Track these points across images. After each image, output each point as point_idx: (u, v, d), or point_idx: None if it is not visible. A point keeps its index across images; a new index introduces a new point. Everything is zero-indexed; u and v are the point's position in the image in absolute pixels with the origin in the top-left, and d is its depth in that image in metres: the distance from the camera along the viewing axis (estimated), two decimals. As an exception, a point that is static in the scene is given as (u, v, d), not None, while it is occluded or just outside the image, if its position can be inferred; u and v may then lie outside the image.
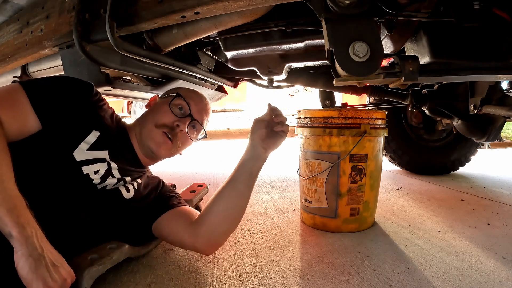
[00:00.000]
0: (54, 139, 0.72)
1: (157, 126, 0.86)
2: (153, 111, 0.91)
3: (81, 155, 0.74)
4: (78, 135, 0.75)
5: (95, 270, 0.68)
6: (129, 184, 0.85)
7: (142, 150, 0.89)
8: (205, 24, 0.85)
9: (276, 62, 1.11)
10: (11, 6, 1.06)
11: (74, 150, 0.73)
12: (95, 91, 0.82)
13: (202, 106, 0.95)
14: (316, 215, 1.15)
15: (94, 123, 0.79)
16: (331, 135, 1.08)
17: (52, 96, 0.74)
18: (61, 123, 0.73)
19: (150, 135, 0.85)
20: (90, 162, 0.75)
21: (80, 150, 0.74)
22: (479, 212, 1.36)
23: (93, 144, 0.76)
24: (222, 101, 5.61)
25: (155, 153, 0.87)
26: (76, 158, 0.73)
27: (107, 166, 0.79)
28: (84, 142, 0.75)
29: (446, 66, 0.87)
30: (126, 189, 0.82)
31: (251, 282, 0.78)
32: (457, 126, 1.82)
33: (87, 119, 0.78)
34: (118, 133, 0.87)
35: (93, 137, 0.77)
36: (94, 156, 0.76)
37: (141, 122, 0.90)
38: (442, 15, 0.84)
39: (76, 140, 0.74)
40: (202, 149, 3.85)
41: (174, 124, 0.86)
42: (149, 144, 0.86)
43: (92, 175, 0.75)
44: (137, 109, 5.44)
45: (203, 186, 1.30)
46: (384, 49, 0.80)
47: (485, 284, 0.77)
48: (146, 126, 0.87)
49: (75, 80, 0.80)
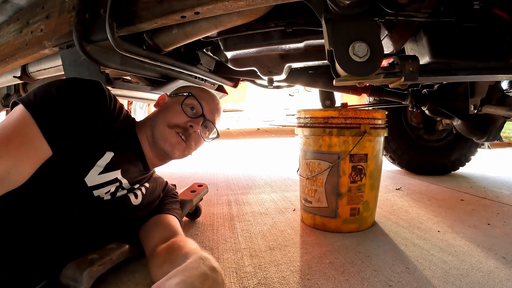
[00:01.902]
0: (65, 164, 0.68)
1: (170, 126, 0.83)
2: (164, 111, 0.88)
3: (93, 179, 0.71)
4: (90, 159, 0.71)
5: (95, 270, 0.68)
6: (138, 190, 0.84)
7: (154, 152, 0.85)
8: (205, 24, 0.85)
9: (276, 62, 1.11)
10: (11, 6, 1.06)
11: (85, 176, 0.70)
12: (108, 97, 0.74)
13: (214, 105, 0.93)
14: (316, 215, 1.15)
15: (107, 143, 0.74)
16: (331, 135, 1.08)
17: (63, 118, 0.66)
18: (73, 146, 0.68)
19: (163, 136, 0.83)
20: (102, 186, 0.73)
21: (92, 175, 0.70)
22: (479, 212, 1.36)
23: (106, 166, 0.73)
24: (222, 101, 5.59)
25: (169, 154, 0.84)
26: (88, 183, 0.70)
27: (118, 184, 0.77)
28: (96, 166, 0.71)
29: (446, 66, 0.87)
30: (134, 195, 0.82)
31: (251, 282, 0.78)
32: (457, 126, 1.82)
33: (101, 138, 0.73)
34: (129, 141, 0.83)
35: (107, 159, 0.73)
36: (106, 179, 0.73)
37: (152, 122, 0.87)
38: (442, 15, 0.84)
39: (88, 165, 0.70)
40: (202, 149, 3.85)
41: (187, 125, 0.85)
42: (162, 146, 0.83)
43: (103, 195, 0.74)
44: (137, 109, 5.44)
45: (203, 186, 1.30)
46: (384, 49, 0.80)
47: (485, 284, 0.77)
48: (158, 127, 0.84)
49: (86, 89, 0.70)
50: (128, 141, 0.83)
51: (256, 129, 6.56)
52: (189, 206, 1.14)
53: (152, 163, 0.90)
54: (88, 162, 0.70)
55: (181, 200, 1.12)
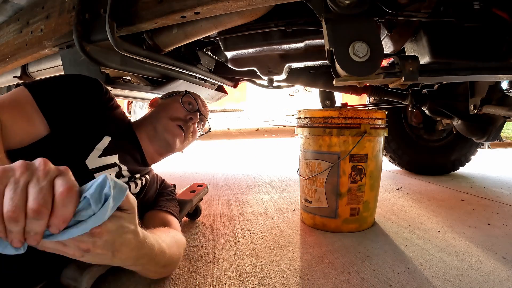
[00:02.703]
0: (65, 146, 0.70)
1: (172, 119, 0.92)
2: (164, 108, 0.96)
3: (94, 162, 0.73)
4: (90, 142, 0.74)
5: (95, 270, 0.68)
6: (138, 180, 0.87)
7: (154, 145, 0.91)
8: (205, 24, 0.85)
9: (276, 62, 1.11)
10: (11, 6, 1.06)
11: (86, 158, 0.72)
12: (105, 89, 0.81)
13: (204, 103, 1.06)
14: (316, 215, 1.15)
15: (105, 128, 0.78)
16: (331, 135, 1.08)
17: (61, 97, 0.71)
18: (71, 127, 0.71)
19: (166, 128, 0.91)
20: (102, 169, 0.75)
21: (92, 157, 0.73)
22: (479, 212, 1.36)
23: (104, 150, 0.76)
24: (222, 101, 5.61)
25: (171, 144, 0.91)
26: (89, 166, 0.72)
27: (117, 169, 0.80)
28: (96, 149, 0.74)
29: (446, 66, 0.87)
30: (134, 184, 0.85)
31: (251, 282, 0.78)
32: (457, 126, 1.82)
33: (98, 123, 0.77)
34: (126, 133, 0.88)
35: (105, 143, 0.77)
36: (105, 163, 0.76)
37: (152, 119, 0.94)
38: (442, 15, 0.85)
39: (88, 147, 0.73)
40: (202, 149, 3.85)
41: (188, 117, 0.94)
42: (165, 136, 0.90)
43: None
44: (137, 109, 5.44)
45: (203, 186, 1.30)
46: (384, 49, 0.80)
47: (485, 284, 0.77)
48: (161, 121, 0.92)
49: (84, 78, 0.77)
50: (126, 135, 0.88)
51: (256, 129, 6.56)
52: (189, 206, 1.14)
53: (151, 158, 0.94)
54: (88, 145, 0.74)
55: (181, 200, 1.12)
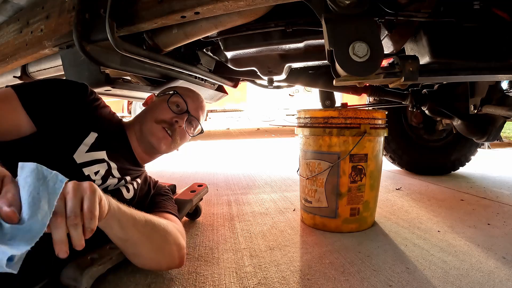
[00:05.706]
0: (52, 142, 0.71)
1: (157, 122, 0.89)
2: (152, 109, 0.93)
3: (81, 157, 0.74)
4: (76, 137, 0.75)
5: (95, 270, 0.68)
6: (129, 184, 0.85)
7: (142, 147, 0.90)
8: (205, 24, 0.85)
9: (276, 62, 1.11)
10: (11, 6, 1.06)
11: (74, 153, 0.73)
12: (89, 91, 0.82)
13: (198, 103, 0.99)
14: (316, 215, 1.15)
15: (91, 124, 0.79)
16: (331, 135, 1.08)
17: (45, 98, 0.73)
18: (57, 126, 0.73)
19: (150, 131, 0.88)
20: (90, 164, 0.75)
21: (80, 152, 0.74)
22: (479, 212, 1.36)
23: (91, 145, 0.77)
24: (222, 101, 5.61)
25: (156, 147, 0.89)
26: (77, 160, 0.73)
27: (107, 166, 0.79)
28: (83, 144, 0.75)
29: (446, 66, 0.87)
30: (126, 189, 0.83)
31: (251, 282, 0.78)
32: (457, 126, 1.82)
33: (84, 120, 0.78)
34: (115, 132, 0.88)
35: (92, 138, 0.77)
36: (94, 158, 0.76)
37: (140, 119, 0.92)
38: (442, 15, 0.84)
39: (75, 143, 0.74)
40: (202, 149, 3.85)
41: (173, 120, 0.90)
42: (150, 140, 0.88)
43: (93, 176, 0.75)
44: (137, 109, 5.44)
45: (203, 186, 1.30)
46: (384, 49, 0.80)
47: (485, 284, 0.77)
48: (146, 123, 0.89)
49: (68, 82, 0.80)
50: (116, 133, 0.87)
51: (256, 129, 6.56)
52: (189, 206, 1.14)
53: (142, 158, 0.94)
54: (75, 141, 0.74)
55: (181, 200, 1.12)
